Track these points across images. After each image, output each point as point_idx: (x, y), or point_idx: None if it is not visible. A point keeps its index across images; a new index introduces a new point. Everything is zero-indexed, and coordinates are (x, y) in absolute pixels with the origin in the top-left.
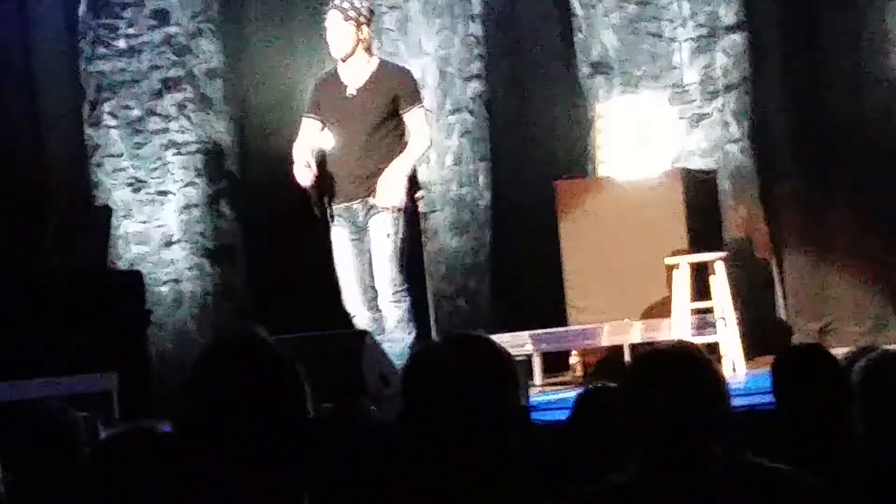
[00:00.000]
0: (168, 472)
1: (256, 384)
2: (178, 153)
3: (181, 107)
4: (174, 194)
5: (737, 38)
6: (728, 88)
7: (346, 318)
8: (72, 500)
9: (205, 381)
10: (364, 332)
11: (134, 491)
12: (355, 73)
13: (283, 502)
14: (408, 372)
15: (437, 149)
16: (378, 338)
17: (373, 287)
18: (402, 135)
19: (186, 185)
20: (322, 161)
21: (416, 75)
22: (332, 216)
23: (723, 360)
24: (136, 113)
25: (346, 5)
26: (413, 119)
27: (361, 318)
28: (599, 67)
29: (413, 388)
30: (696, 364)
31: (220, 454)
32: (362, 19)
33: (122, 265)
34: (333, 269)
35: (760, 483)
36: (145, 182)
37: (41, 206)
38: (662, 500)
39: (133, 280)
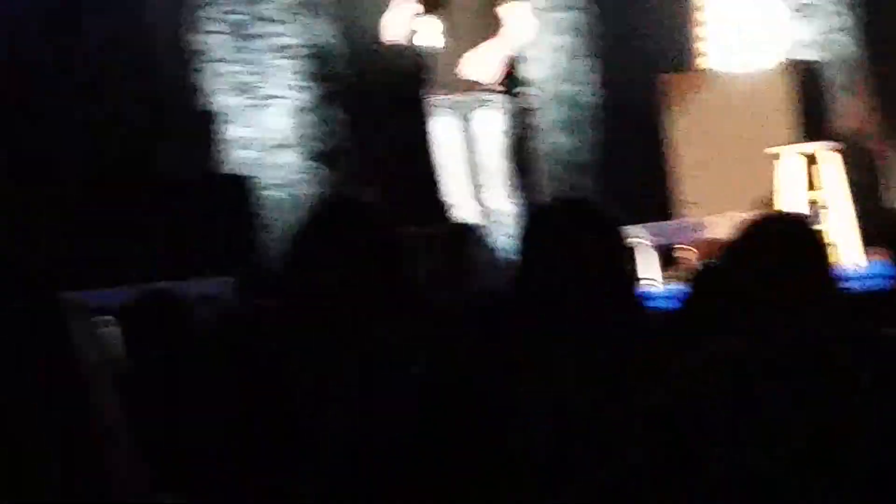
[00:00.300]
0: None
1: (355, 246)
2: (286, 56)
3: (288, 9)
4: (282, 98)
5: None
6: None
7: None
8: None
9: (306, 248)
10: (471, 226)
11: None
12: None
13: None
14: (525, 232)
15: (545, 46)
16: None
17: (478, 179)
18: None
19: (295, 89)
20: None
21: None
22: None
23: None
24: (241, 17)
25: None
26: (517, 11)
27: (467, 208)
28: None
29: (529, 246)
30: (797, 227)
31: (325, 313)
32: None
33: (227, 170)
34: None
35: None
36: (251, 87)
37: (148, 113)
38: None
39: (243, 184)
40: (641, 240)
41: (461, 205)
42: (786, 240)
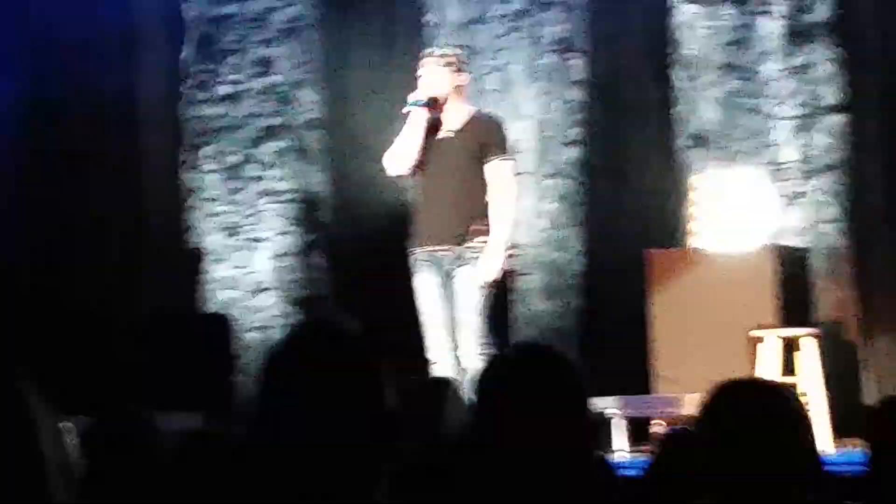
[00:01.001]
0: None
1: (332, 372)
2: (274, 201)
3: (280, 155)
4: (268, 241)
5: (837, 119)
6: (826, 168)
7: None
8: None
9: (278, 375)
10: (448, 382)
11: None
12: (448, 119)
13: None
14: (480, 380)
15: (532, 212)
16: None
17: (456, 335)
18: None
19: (280, 234)
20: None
21: (515, 136)
22: (415, 261)
23: None
24: (234, 159)
25: (439, 52)
26: (498, 170)
27: (446, 364)
28: (697, 140)
29: (483, 398)
30: (775, 395)
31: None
32: (458, 64)
33: (211, 310)
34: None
35: None
36: (240, 228)
37: (137, 248)
38: None
39: (222, 325)
40: (614, 411)
41: (440, 358)
42: (761, 405)
